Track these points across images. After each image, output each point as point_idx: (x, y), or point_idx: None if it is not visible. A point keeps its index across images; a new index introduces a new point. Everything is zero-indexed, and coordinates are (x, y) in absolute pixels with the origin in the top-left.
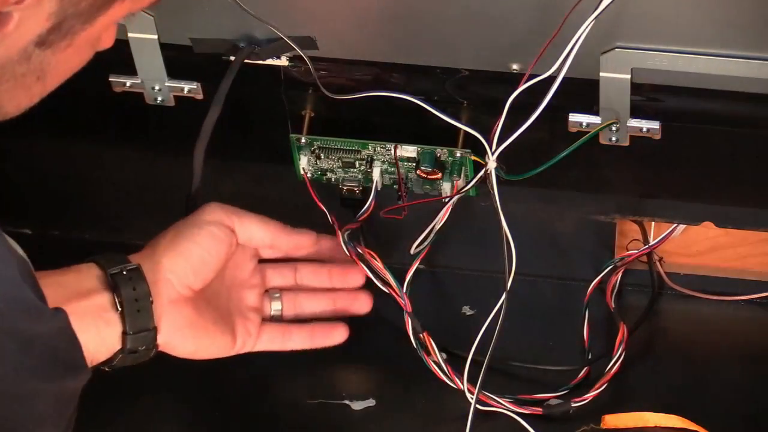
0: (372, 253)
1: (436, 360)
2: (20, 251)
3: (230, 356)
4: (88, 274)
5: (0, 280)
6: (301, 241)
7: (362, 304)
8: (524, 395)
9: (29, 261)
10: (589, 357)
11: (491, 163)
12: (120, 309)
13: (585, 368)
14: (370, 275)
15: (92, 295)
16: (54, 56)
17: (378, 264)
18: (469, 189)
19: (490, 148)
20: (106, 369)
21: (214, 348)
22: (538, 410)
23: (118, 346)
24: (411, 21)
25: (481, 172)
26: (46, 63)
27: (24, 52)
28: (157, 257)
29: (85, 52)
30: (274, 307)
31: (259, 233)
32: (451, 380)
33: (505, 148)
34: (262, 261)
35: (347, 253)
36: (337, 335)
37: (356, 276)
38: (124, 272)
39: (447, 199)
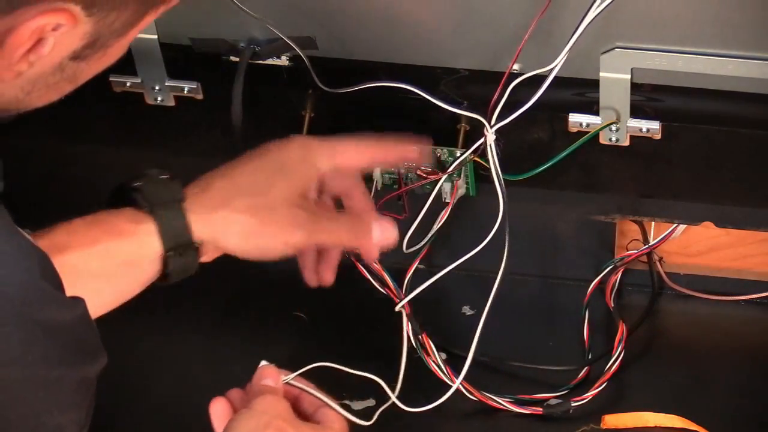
0: None
1: (435, 360)
2: (37, 244)
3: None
4: (146, 245)
5: (22, 271)
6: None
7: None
8: (524, 395)
9: (46, 253)
10: (589, 357)
11: (490, 136)
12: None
13: (585, 368)
14: (369, 277)
15: (143, 264)
16: (87, 65)
17: (376, 266)
18: (465, 158)
19: (489, 122)
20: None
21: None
22: (538, 410)
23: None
24: (410, 21)
25: (479, 142)
26: (80, 71)
27: (58, 66)
28: (218, 208)
29: (117, 54)
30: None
31: (353, 165)
32: (451, 380)
33: (505, 147)
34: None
35: (346, 254)
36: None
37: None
38: (180, 251)
39: (428, 187)
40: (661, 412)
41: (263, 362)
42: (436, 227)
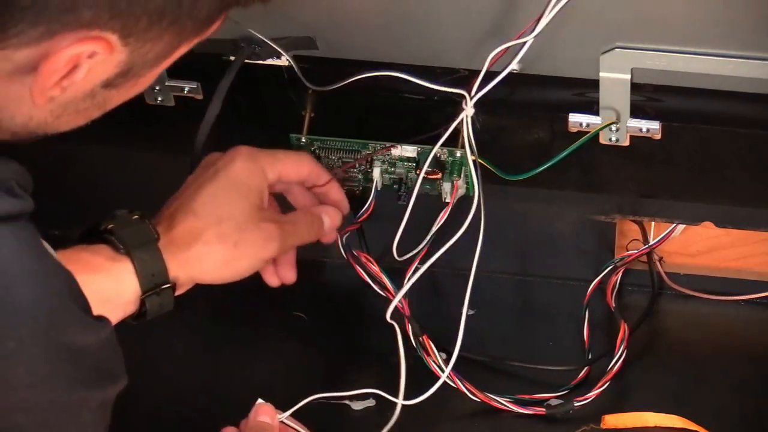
0: (369, 257)
1: (435, 360)
2: (64, 265)
3: (227, 358)
4: (122, 284)
5: (50, 294)
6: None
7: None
8: (525, 395)
9: (73, 274)
10: (590, 357)
11: (469, 109)
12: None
13: (585, 368)
14: (368, 280)
15: (119, 303)
16: (118, 93)
17: (375, 268)
18: (446, 136)
19: (469, 95)
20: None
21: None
22: (539, 410)
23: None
24: (410, 21)
25: (457, 119)
26: (110, 98)
27: (90, 92)
28: (191, 267)
29: (147, 83)
30: None
31: (292, 177)
32: (451, 380)
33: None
34: None
35: (345, 256)
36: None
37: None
38: (158, 292)
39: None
40: (661, 412)
41: (259, 400)
42: (435, 227)
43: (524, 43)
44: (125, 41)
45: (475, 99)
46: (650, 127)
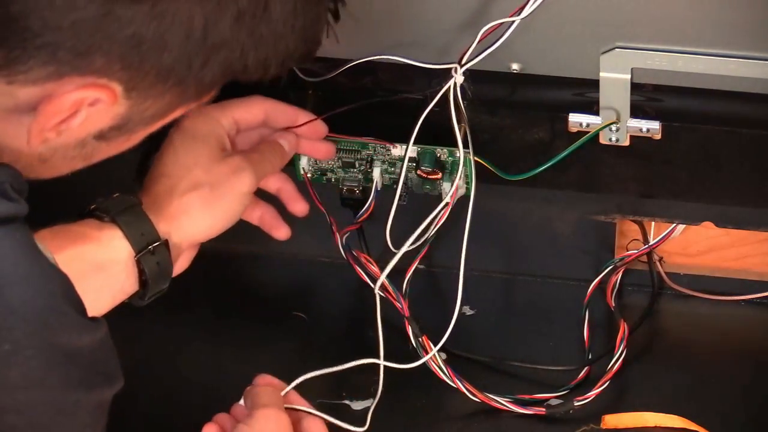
0: (368, 258)
1: (435, 360)
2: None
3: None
4: (114, 249)
5: (45, 296)
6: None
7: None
8: (525, 395)
9: (68, 276)
10: (590, 357)
11: (458, 77)
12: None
13: (585, 368)
14: (368, 280)
15: (115, 270)
16: (107, 146)
17: (374, 269)
18: (435, 102)
19: (459, 63)
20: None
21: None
22: (539, 410)
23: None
24: (409, 21)
25: (446, 86)
26: (98, 151)
27: (81, 141)
28: (179, 221)
29: (136, 141)
30: None
31: (248, 121)
32: (451, 380)
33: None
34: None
35: (345, 256)
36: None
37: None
38: (151, 250)
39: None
40: (661, 412)
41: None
42: (436, 227)
43: (512, 22)
44: (128, 94)
45: (465, 68)
46: (650, 127)
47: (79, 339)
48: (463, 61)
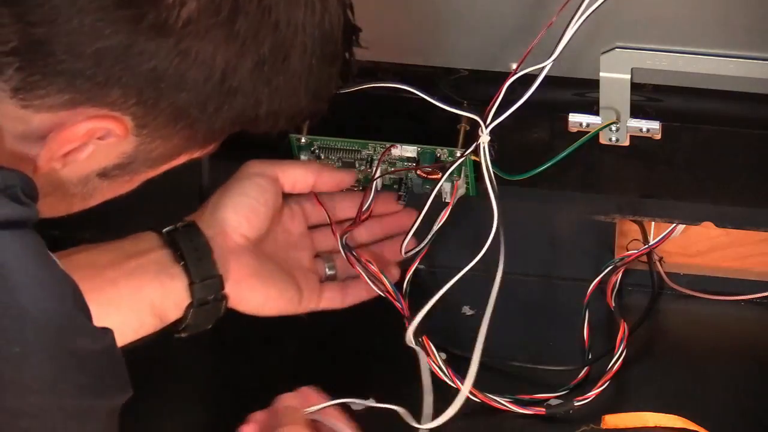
0: (368, 258)
1: (435, 361)
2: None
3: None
4: (145, 237)
5: (56, 300)
6: (344, 177)
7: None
8: (524, 395)
9: (76, 282)
10: (590, 357)
11: (484, 137)
12: (182, 261)
13: (585, 368)
14: (367, 280)
15: (152, 252)
16: (108, 187)
17: (374, 269)
18: (463, 160)
19: (485, 123)
20: (182, 335)
21: (282, 301)
22: (539, 410)
23: (186, 300)
24: (410, 21)
25: (473, 146)
26: (98, 191)
27: (84, 177)
28: (208, 213)
29: (136, 183)
30: (329, 268)
31: (302, 175)
32: (451, 380)
33: (505, 147)
34: (312, 227)
35: (344, 257)
36: (391, 273)
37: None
38: (180, 228)
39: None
40: (661, 412)
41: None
42: (436, 227)
43: (543, 68)
44: (138, 131)
45: (490, 127)
46: (650, 127)
47: (91, 345)
48: (488, 121)
